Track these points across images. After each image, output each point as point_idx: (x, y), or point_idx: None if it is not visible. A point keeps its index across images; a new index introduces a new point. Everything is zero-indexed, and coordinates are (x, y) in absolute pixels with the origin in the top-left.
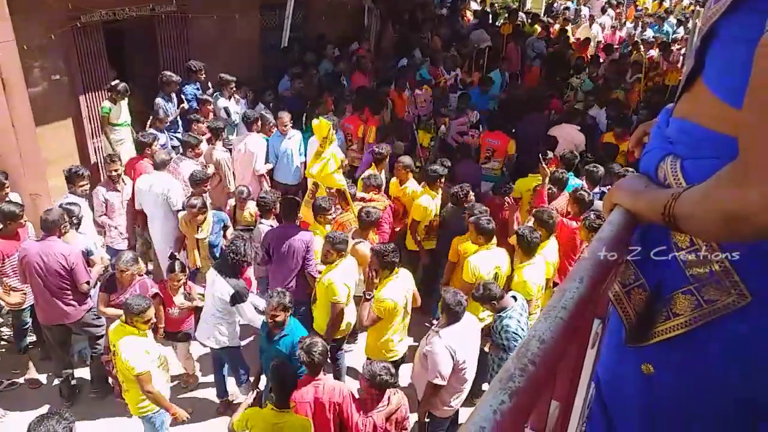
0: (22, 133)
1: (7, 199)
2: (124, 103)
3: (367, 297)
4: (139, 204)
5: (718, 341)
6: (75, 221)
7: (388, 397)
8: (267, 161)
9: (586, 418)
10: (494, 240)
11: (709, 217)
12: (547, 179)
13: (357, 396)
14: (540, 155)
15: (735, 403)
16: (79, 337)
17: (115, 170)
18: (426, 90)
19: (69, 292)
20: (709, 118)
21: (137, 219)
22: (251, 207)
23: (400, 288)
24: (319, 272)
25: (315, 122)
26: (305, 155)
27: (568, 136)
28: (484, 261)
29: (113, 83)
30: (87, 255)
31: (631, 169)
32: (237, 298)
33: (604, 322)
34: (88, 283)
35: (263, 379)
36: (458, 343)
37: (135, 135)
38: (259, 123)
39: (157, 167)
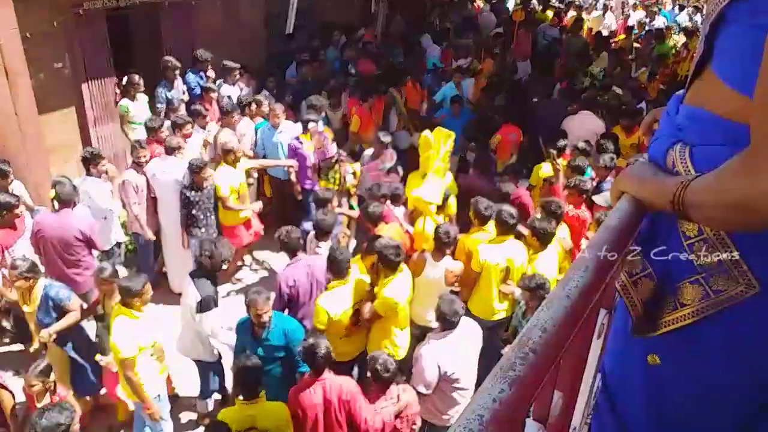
0: (25, 121)
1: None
2: (142, 99)
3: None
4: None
5: (725, 331)
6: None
7: (398, 394)
8: (255, 153)
9: (593, 409)
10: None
11: (719, 206)
12: (560, 174)
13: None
14: (551, 151)
15: (742, 393)
16: None
17: (144, 156)
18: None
19: (80, 262)
20: (718, 105)
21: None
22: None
23: (404, 286)
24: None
25: (427, 133)
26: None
27: (587, 125)
28: (494, 252)
29: (127, 78)
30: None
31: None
32: (203, 306)
33: (610, 312)
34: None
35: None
36: (449, 353)
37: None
38: (253, 107)
39: (168, 152)
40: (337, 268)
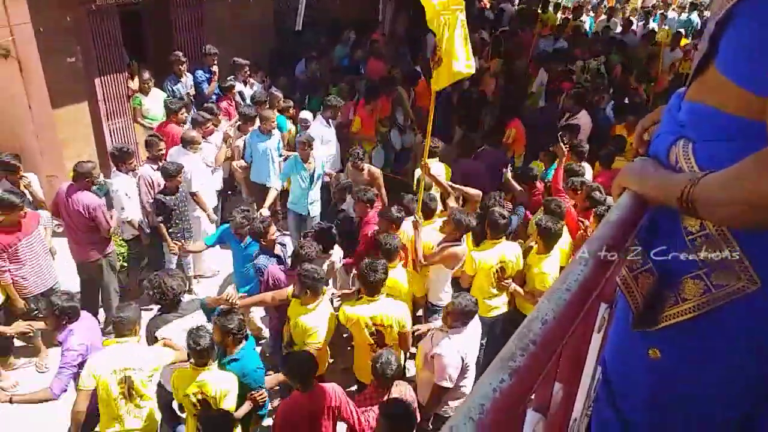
0: (39, 115)
1: (22, 183)
2: (157, 95)
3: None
4: None
5: (725, 326)
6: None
7: (389, 388)
8: (243, 159)
9: (593, 401)
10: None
11: (731, 204)
12: (564, 159)
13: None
14: (558, 135)
15: (741, 387)
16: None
17: (160, 150)
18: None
19: (92, 236)
20: (721, 101)
21: None
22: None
23: (372, 311)
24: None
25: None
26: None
27: (587, 126)
28: (486, 255)
29: (144, 76)
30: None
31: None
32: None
33: (611, 306)
34: (108, 230)
35: None
36: (466, 346)
37: None
38: (267, 104)
39: (184, 144)
40: (312, 287)
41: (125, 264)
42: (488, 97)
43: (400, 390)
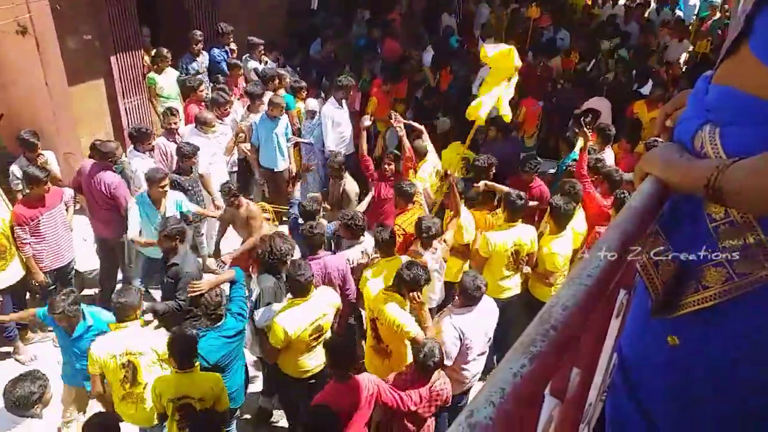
0: (56, 92)
1: (39, 161)
2: (171, 73)
3: None
4: None
5: (747, 314)
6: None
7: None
8: (252, 145)
9: (608, 387)
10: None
11: (762, 192)
12: (588, 143)
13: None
14: (582, 119)
15: (760, 378)
16: None
17: (174, 123)
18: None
19: (113, 213)
20: (753, 84)
21: None
22: None
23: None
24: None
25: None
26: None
27: (606, 109)
28: (502, 237)
29: (156, 51)
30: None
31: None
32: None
33: (630, 292)
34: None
35: None
36: (468, 327)
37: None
38: (276, 81)
39: (197, 124)
40: (296, 287)
41: None
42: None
43: (441, 383)
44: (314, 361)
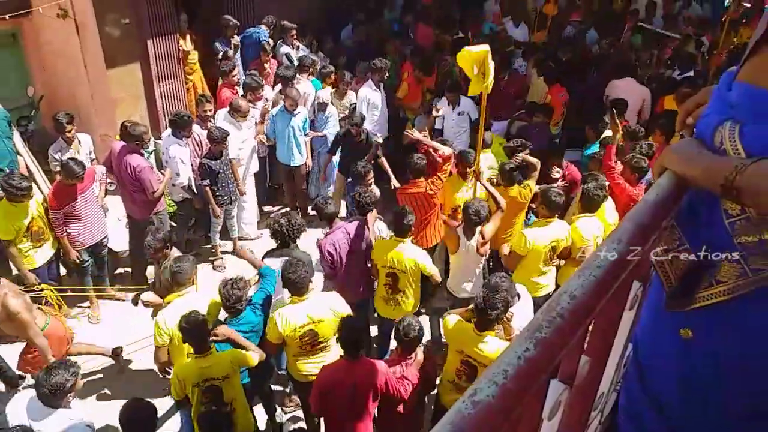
0: (94, 75)
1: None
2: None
3: None
4: None
5: (760, 310)
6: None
7: (415, 353)
8: (267, 138)
9: (622, 377)
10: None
11: None
12: (618, 135)
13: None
14: (613, 110)
15: None
16: None
17: (209, 109)
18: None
19: (141, 194)
20: None
21: None
22: None
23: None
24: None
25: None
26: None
27: (630, 93)
28: (540, 235)
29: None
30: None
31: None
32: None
33: (644, 284)
34: (153, 193)
35: None
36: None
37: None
38: (311, 69)
39: (231, 110)
40: (290, 286)
41: (173, 224)
42: None
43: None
44: (315, 368)
